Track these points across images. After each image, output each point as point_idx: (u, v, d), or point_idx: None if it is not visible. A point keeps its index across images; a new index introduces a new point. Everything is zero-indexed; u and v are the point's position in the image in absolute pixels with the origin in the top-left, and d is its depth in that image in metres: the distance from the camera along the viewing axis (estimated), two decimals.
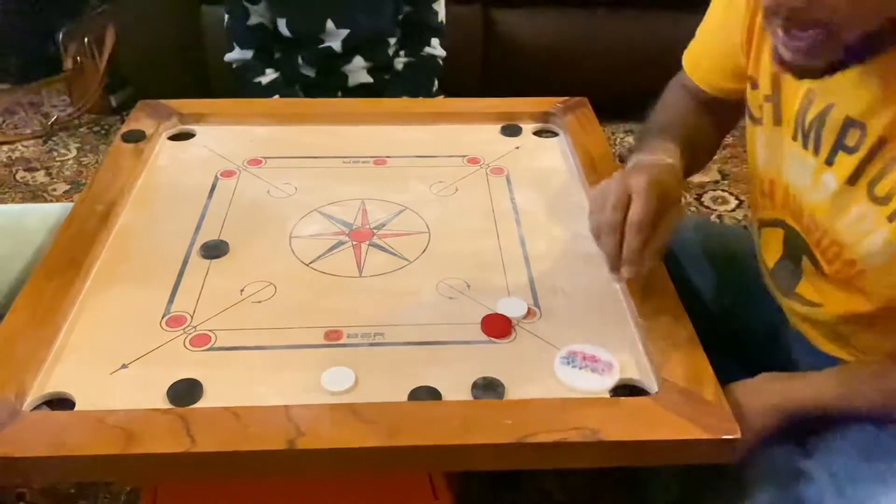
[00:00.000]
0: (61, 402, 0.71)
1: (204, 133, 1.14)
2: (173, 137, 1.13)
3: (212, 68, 1.99)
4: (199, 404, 0.70)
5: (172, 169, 1.06)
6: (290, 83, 1.51)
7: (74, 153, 2.10)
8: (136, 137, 1.08)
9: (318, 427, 0.67)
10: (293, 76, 1.51)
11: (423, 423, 0.68)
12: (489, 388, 0.72)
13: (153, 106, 1.16)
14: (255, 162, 1.07)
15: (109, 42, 2.19)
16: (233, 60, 1.51)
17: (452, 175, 1.05)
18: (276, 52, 1.53)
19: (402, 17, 1.51)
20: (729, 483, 0.78)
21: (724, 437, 0.67)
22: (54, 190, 1.95)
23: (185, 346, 0.77)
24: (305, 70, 1.51)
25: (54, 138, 2.16)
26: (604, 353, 0.76)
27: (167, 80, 1.96)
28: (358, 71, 1.51)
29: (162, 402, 0.70)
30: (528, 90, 1.23)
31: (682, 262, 1.00)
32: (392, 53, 1.52)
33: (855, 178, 0.73)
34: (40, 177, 2.00)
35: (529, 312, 0.82)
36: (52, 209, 1.09)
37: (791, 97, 0.79)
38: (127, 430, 0.66)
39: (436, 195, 1.02)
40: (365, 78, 1.51)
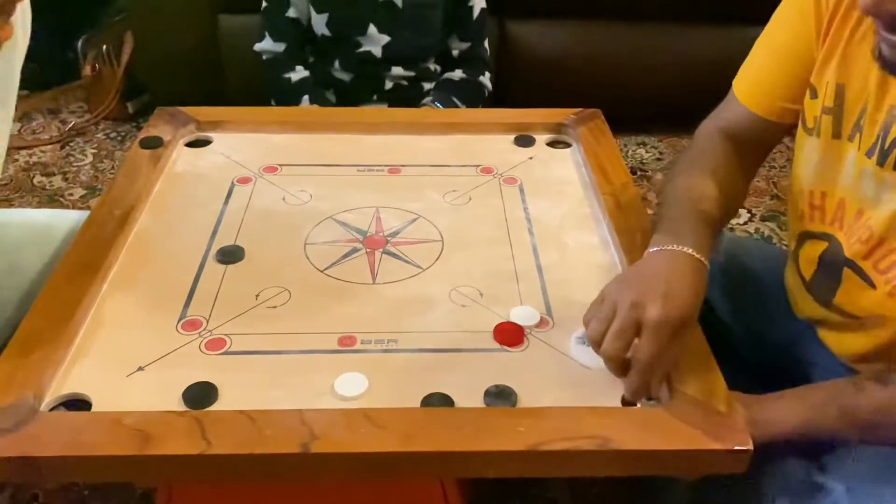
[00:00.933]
0: (78, 403, 0.72)
1: (221, 140, 1.15)
2: (190, 144, 1.14)
3: (228, 76, 2.01)
4: (213, 407, 0.71)
5: (189, 175, 1.07)
6: (322, 87, 1.48)
7: (91, 158, 2.12)
8: (153, 144, 1.09)
9: (332, 431, 0.67)
10: (326, 80, 1.48)
11: (435, 430, 0.68)
12: (502, 395, 0.73)
13: (171, 113, 1.17)
14: (271, 169, 1.08)
15: (127, 49, 2.22)
16: (263, 51, 1.47)
17: (466, 184, 1.06)
18: (310, 56, 1.49)
19: (458, 54, 1.54)
20: (743, 494, 0.78)
21: (737, 447, 0.67)
22: (71, 195, 1.97)
23: (201, 350, 0.78)
24: (340, 75, 1.48)
25: (71, 144, 2.19)
26: None
27: (183, 88, 1.97)
28: (396, 80, 1.49)
29: (177, 405, 0.71)
30: (542, 102, 1.24)
31: None
32: (433, 69, 1.52)
33: None
34: (57, 181, 2.02)
35: (542, 321, 0.82)
36: (71, 215, 1.11)
37: (851, 111, 0.78)
38: (143, 432, 0.67)
39: (449, 204, 1.02)
40: (402, 83, 1.49)
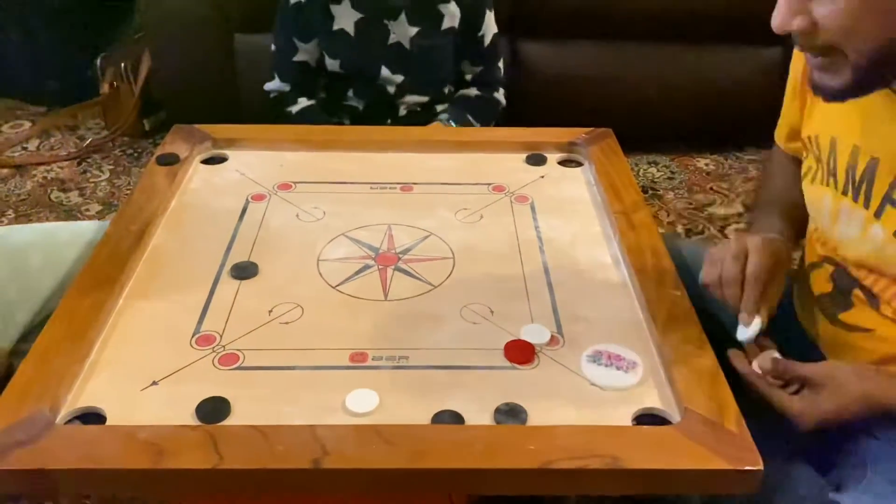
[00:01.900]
0: (93, 417, 0.72)
1: (236, 157, 1.16)
2: (206, 161, 1.16)
3: (243, 94, 2.03)
4: (226, 422, 0.71)
5: (205, 192, 1.08)
6: (335, 114, 1.52)
7: (107, 175, 2.15)
8: (170, 160, 1.11)
9: (343, 447, 0.68)
10: (340, 108, 1.52)
11: (446, 447, 0.69)
12: (512, 413, 0.73)
13: (187, 130, 1.19)
14: (286, 186, 1.10)
15: (145, 67, 2.25)
16: (271, 90, 1.53)
17: (477, 202, 1.07)
18: (324, 85, 1.53)
19: (471, 78, 1.56)
20: None
21: (747, 468, 0.67)
22: (87, 210, 1.99)
23: (214, 365, 0.78)
24: (354, 102, 1.51)
25: (88, 160, 2.21)
26: (628, 353, 0.79)
27: (199, 106, 1.98)
28: (411, 106, 1.51)
29: (190, 419, 0.72)
30: (554, 121, 1.24)
31: (705, 291, 1.00)
32: (447, 92, 1.54)
33: None
34: (74, 197, 2.04)
35: (552, 339, 0.82)
36: (84, 227, 1.12)
37: (842, 154, 0.82)
38: (157, 446, 0.67)
39: (461, 222, 1.03)
40: (416, 109, 1.52)
